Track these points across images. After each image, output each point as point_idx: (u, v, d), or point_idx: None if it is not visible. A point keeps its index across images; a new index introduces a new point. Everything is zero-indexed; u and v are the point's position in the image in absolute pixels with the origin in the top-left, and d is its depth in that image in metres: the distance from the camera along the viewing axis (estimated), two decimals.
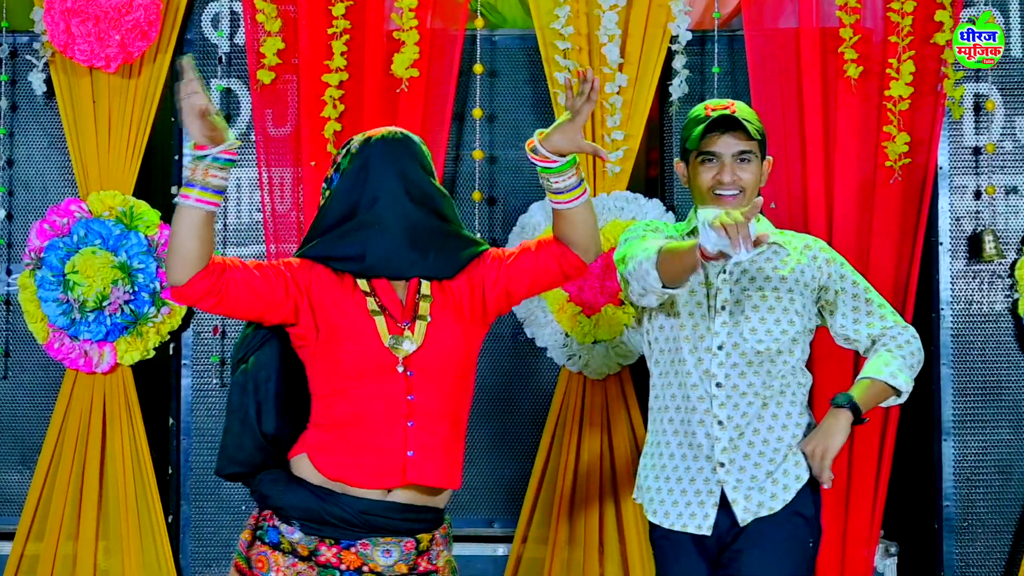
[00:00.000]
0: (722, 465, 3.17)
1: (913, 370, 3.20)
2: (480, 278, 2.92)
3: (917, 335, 3.25)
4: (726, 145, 3.20)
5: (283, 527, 2.80)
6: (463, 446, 2.96)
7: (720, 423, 3.18)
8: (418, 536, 2.82)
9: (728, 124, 3.19)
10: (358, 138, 2.94)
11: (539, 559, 4.42)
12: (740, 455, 3.17)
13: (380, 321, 2.80)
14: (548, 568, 4.39)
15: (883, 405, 3.22)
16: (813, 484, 3.18)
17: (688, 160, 3.27)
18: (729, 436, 3.18)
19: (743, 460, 3.17)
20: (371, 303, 2.82)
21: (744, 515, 3.14)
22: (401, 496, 2.79)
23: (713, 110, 3.23)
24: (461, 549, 4.46)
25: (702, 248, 2.80)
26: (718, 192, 3.21)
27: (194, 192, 2.64)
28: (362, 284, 2.84)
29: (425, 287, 2.87)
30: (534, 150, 2.86)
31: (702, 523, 3.17)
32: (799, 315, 3.20)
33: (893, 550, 4.46)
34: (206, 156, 2.63)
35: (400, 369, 2.80)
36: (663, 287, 3.05)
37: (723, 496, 3.16)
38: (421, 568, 2.82)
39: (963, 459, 4.48)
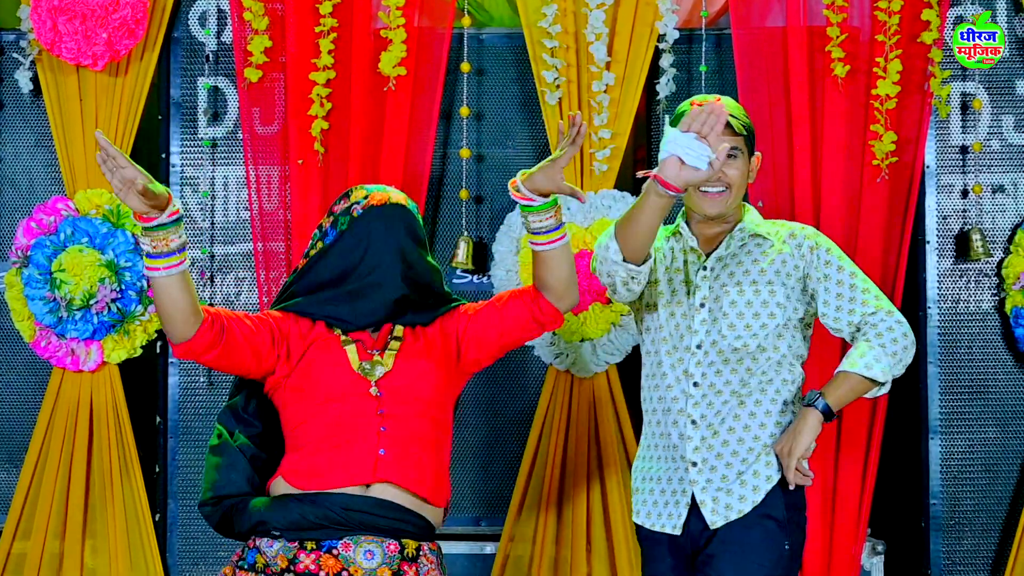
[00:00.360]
0: (694, 465, 3.17)
1: (896, 356, 3.11)
2: (454, 327, 3.02)
3: (903, 320, 3.16)
4: None
5: (262, 543, 2.82)
6: (445, 468, 3.01)
7: (693, 422, 3.18)
8: (402, 540, 2.82)
9: None
10: (359, 198, 2.98)
11: (526, 557, 4.41)
12: (712, 455, 3.16)
13: (351, 350, 2.89)
14: (536, 566, 4.39)
15: (868, 396, 3.16)
16: (787, 485, 3.14)
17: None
18: (701, 435, 3.17)
19: (715, 460, 3.16)
20: (343, 337, 2.92)
21: (713, 517, 3.13)
22: (380, 492, 2.80)
23: (699, 106, 3.22)
24: (448, 548, 4.46)
25: (660, 176, 2.90)
26: (704, 189, 3.21)
27: (160, 263, 2.67)
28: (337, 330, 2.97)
29: (398, 330, 2.97)
30: (517, 188, 2.89)
31: (677, 523, 3.18)
32: (780, 307, 3.18)
33: (880, 548, 4.46)
34: (156, 226, 2.65)
35: (372, 391, 2.86)
36: (624, 260, 3.08)
37: (694, 497, 3.17)
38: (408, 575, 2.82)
39: (950, 457, 4.48)
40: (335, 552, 2.76)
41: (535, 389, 4.48)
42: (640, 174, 3.04)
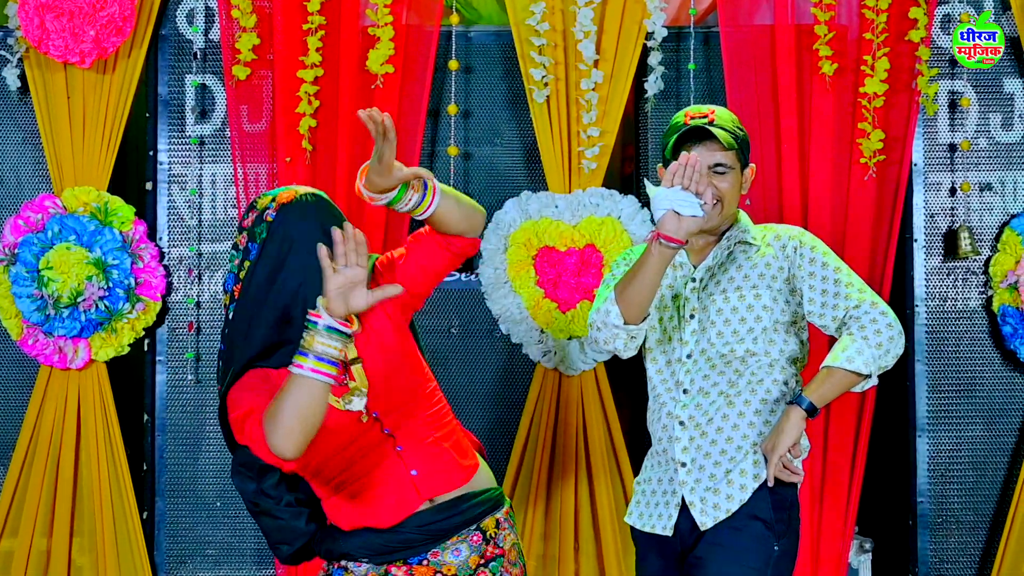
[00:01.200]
0: (683, 465, 3.17)
1: (882, 348, 3.07)
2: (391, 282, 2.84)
3: (887, 311, 3.12)
4: (702, 155, 3.17)
5: (350, 565, 2.79)
6: (458, 429, 2.95)
7: (681, 423, 3.20)
8: (482, 525, 2.81)
9: (703, 134, 3.18)
10: (266, 204, 2.72)
11: None
12: (701, 455, 3.17)
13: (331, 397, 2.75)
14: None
15: (856, 389, 3.13)
16: (777, 484, 3.13)
17: (668, 167, 3.27)
18: (690, 436, 3.18)
19: (703, 459, 3.17)
20: None
21: (702, 518, 3.13)
22: (439, 499, 2.80)
23: (692, 118, 3.21)
24: None
25: (658, 230, 2.94)
26: None
27: (308, 362, 2.46)
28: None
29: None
30: (362, 194, 2.75)
31: (667, 524, 3.19)
32: (767, 310, 3.18)
33: (867, 546, 4.47)
34: (318, 324, 2.47)
35: (364, 419, 2.76)
36: (625, 323, 3.11)
37: (684, 498, 3.18)
38: (488, 554, 2.81)
39: (937, 455, 4.49)
40: (424, 563, 2.76)
41: (523, 387, 4.48)
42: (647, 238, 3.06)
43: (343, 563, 2.80)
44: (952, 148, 4.53)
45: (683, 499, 3.17)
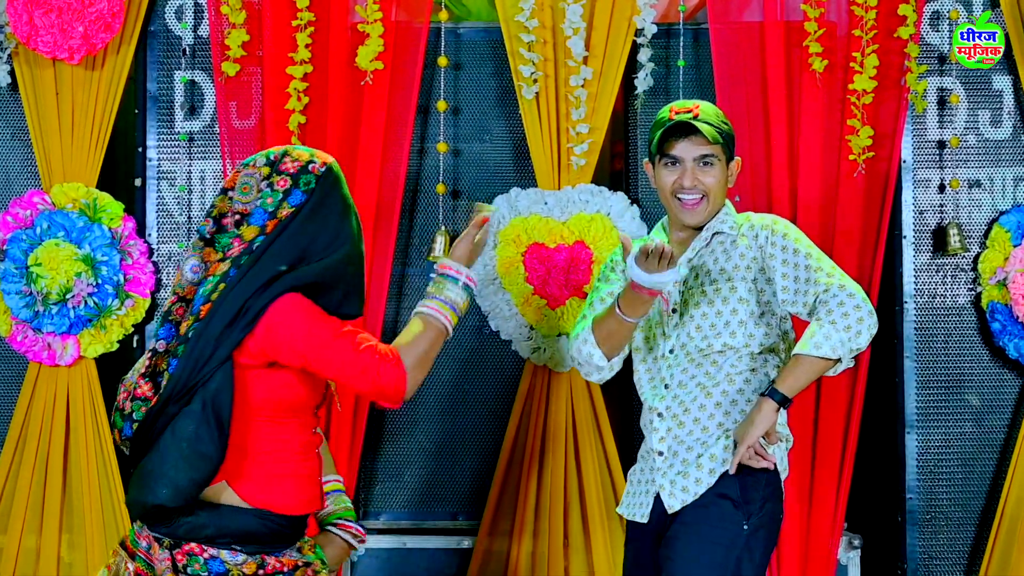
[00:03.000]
0: (660, 454, 3.21)
1: (850, 330, 3.04)
2: None
3: (855, 292, 3.09)
4: (687, 149, 3.21)
5: (224, 554, 2.70)
6: None
7: (660, 415, 3.23)
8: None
9: (688, 129, 3.19)
10: (305, 157, 2.81)
11: (504, 552, 4.42)
12: (676, 442, 3.20)
13: None
14: (513, 560, 4.40)
15: (830, 374, 3.12)
16: (751, 468, 3.14)
17: (653, 162, 3.28)
18: (667, 426, 3.22)
19: (678, 445, 3.20)
20: None
21: (670, 500, 3.16)
22: None
23: (676, 113, 3.23)
24: (426, 542, 4.49)
25: (633, 281, 3.04)
26: (680, 196, 3.22)
27: (446, 310, 2.82)
28: None
29: None
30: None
31: (645, 512, 3.23)
32: (743, 302, 3.19)
33: (856, 543, 4.47)
34: (459, 279, 2.84)
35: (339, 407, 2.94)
36: (609, 360, 3.23)
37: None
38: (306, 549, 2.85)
39: (926, 452, 4.49)
40: (288, 556, 2.81)
41: (512, 384, 4.48)
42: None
43: (214, 552, 2.67)
44: (941, 145, 4.53)
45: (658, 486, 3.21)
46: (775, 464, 3.13)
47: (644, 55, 4.44)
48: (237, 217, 2.75)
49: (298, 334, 2.66)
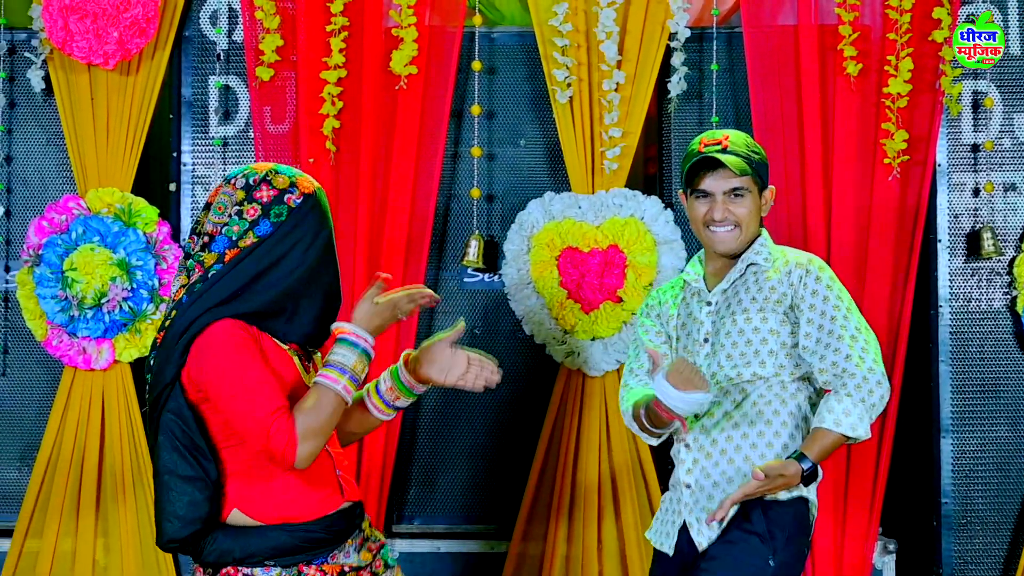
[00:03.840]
0: (688, 487, 3.18)
1: (873, 408, 3.05)
2: None
3: (876, 366, 3.07)
4: (715, 183, 3.18)
5: (257, 571, 2.70)
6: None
7: (687, 446, 3.20)
8: (363, 526, 2.86)
9: (716, 163, 3.16)
10: (285, 184, 2.76)
11: (538, 556, 4.42)
12: (703, 475, 3.16)
13: (297, 361, 2.78)
14: (547, 565, 4.39)
15: (850, 442, 3.09)
16: (777, 503, 3.10)
17: (686, 194, 3.27)
18: (693, 457, 3.18)
19: (705, 480, 3.16)
20: (295, 358, 2.79)
21: (698, 538, 3.14)
22: (346, 504, 2.81)
23: (706, 145, 3.19)
24: (460, 546, 4.50)
25: (664, 408, 3.00)
26: (713, 228, 3.20)
27: (344, 380, 2.68)
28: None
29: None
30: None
31: (669, 543, 3.22)
32: (773, 333, 3.14)
33: (891, 547, 4.46)
34: (359, 345, 2.71)
35: None
36: (660, 431, 3.22)
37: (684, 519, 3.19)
38: (372, 548, 2.84)
39: (961, 456, 4.48)
40: (332, 559, 2.77)
41: (546, 388, 4.48)
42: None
43: (247, 570, 2.69)
44: (976, 148, 4.52)
45: (684, 520, 3.19)
46: (806, 496, 3.12)
47: (677, 59, 4.44)
48: (205, 239, 2.72)
49: (212, 370, 2.62)
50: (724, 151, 3.17)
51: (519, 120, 4.58)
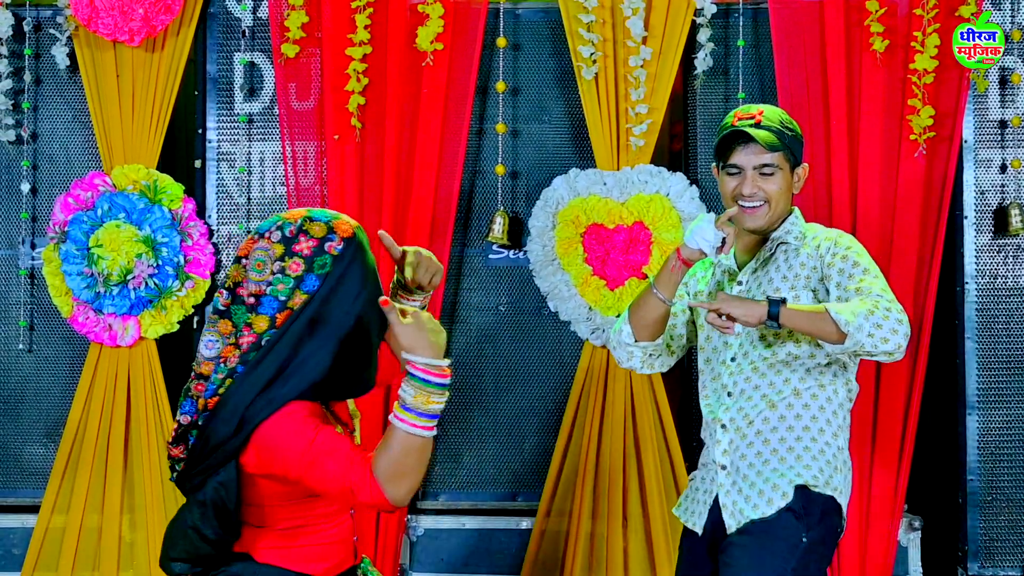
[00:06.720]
0: (723, 468, 3.18)
1: (878, 328, 2.91)
2: None
3: (898, 310, 2.95)
4: (746, 158, 3.16)
5: None
6: None
7: (723, 426, 3.19)
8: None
9: (747, 136, 3.15)
10: (322, 232, 2.61)
11: (563, 532, 4.42)
12: (738, 456, 3.16)
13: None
14: (572, 541, 4.40)
15: (828, 349, 2.98)
16: (813, 490, 3.10)
17: (719, 168, 3.25)
18: (730, 439, 3.18)
19: (740, 461, 3.15)
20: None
21: (730, 520, 3.13)
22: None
23: (739, 119, 3.18)
24: (485, 523, 4.50)
25: (679, 252, 3.09)
26: (743, 204, 3.19)
27: (424, 421, 2.50)
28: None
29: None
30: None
31: (699, 522, 3.22)
32: None
33: (917, 524, 4.46)
34: (432, 381, 2.52)
35: None
36: (636, 341, 3.24)
37: (718, 498, 3.18)
38: None
39: (987, 433, 4.47)
40: None
41: (572, 364, 4.48)
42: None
43: None
44: (1003, 124, 4.50)
45: (716, 498, 3.18)
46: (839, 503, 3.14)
47: (703, 35, 4.42)
48: (252, 300, 2.58)
49: (290, 457, 2.53)
50: (756, 126, 3.15)
51: (544, 96, 4.58)
